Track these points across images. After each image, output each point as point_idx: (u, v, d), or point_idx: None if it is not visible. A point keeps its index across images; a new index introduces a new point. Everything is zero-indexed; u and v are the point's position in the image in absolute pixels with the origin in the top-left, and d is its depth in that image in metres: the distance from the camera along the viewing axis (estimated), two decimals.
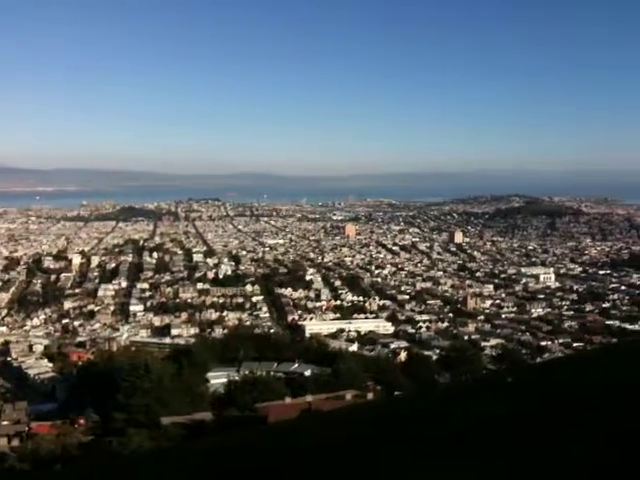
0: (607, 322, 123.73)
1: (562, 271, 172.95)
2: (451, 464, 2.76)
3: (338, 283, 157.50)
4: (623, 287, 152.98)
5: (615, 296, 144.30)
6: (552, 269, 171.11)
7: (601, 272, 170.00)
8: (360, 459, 3.18)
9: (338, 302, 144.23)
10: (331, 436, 3.78)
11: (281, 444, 3.93)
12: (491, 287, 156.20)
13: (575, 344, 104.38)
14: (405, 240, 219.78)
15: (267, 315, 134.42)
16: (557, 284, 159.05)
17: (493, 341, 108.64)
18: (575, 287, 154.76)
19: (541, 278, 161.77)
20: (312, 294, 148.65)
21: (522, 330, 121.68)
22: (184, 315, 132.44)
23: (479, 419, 3.97)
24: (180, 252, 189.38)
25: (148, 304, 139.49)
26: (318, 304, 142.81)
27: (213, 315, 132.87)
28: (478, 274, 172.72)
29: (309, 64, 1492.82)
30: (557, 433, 3.15)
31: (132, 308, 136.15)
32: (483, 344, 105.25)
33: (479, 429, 3.61)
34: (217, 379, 44.92)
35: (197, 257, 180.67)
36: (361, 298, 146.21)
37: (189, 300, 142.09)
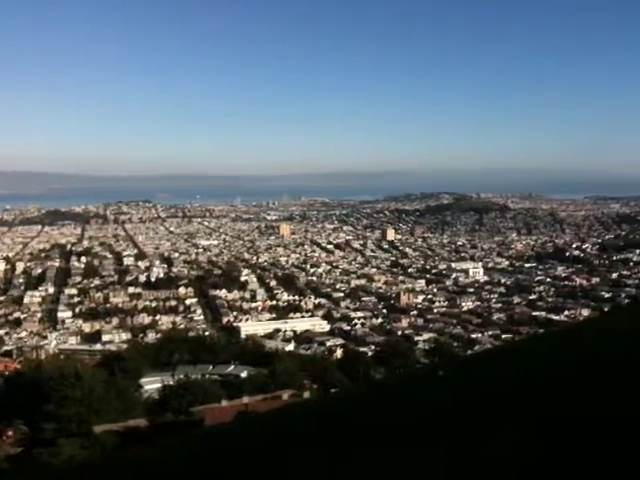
0: (534, 313, 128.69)
1: (490, 265, 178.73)
2: (386, 459, 2.83)
3: (273, 283, 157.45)
4: (548, 279, 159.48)
5: (541, 288, 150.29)
6: (481, 263, 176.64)
7: (527, 265, 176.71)
8: (296, 456, 3.23)
9: (274, 302, 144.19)
10: (266, 435, 3.81)
11: (217, 446, 3.93)
12: (423, 282, 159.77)
13: (504, 335, 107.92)
14: (339, 238, 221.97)
15: (201, 317, 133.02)
16: (486, 278, 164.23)
17: (426, 335, 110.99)
18: (503, 280, 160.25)
19: (470, 272, 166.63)
20: (247, 295, 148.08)
21: (453, 324, 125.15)
22: (115, 320, 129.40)
23: (412, 414, 4.08)
24: (110, 256, 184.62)
25: (77, 310, 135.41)
26: (254, 305, 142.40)
27: (145, 319, 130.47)
28: (410, 270, 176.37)
29: (235, 60, 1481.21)
30: (487, 427, 3.28)
31: (60, 315, 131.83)
32: (416, 338, 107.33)
33: (412, 424, 3.70)
34: (151, 384, 44.04)
35: (128, 260, 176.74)
36: (297, 297, 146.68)
37: (120, 305, 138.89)
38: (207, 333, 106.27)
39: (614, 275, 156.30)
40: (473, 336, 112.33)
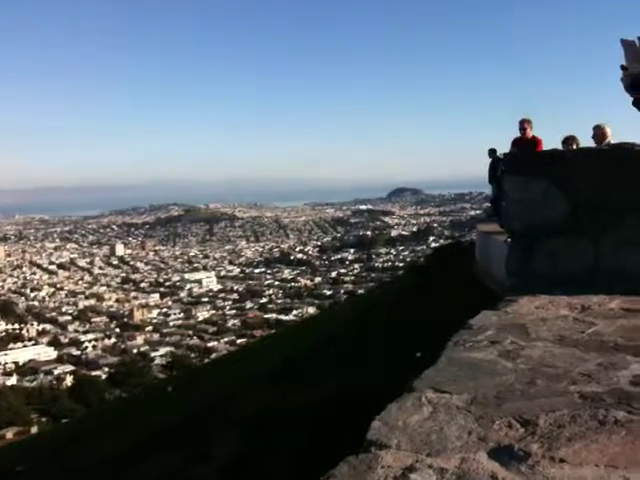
0: (265, 316, 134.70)
1: (223, 273, 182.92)
2: None
3: None
4: (276, 282, 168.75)
5: (270, 291, 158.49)
6: (213, 272, 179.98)
7: (257, 271, 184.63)
8: None
9: None
10: None
11: None
12: (157, 296, 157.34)
13: (239, 340, 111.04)
14: (63, 257, 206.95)
15: None
16: (219, 286, 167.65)
17: (162, 350, 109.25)
18: (235, 287, 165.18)
19: (204, 282, 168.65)
20: None
21: (190, 335, 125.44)
22: None
23: (141, 434, 4.15)
24: None
25: None
26: None
27: None
28: (143, 285, 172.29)
29: None
30: (200, 436, 3.51)
31: None
32: (153, 354, 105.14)
33: (142, 444, 3.78)
34: None
35: None
36: (16, 325, 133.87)
37: None
38: None
39: (333, 274, 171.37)
40: (210, 345, 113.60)
